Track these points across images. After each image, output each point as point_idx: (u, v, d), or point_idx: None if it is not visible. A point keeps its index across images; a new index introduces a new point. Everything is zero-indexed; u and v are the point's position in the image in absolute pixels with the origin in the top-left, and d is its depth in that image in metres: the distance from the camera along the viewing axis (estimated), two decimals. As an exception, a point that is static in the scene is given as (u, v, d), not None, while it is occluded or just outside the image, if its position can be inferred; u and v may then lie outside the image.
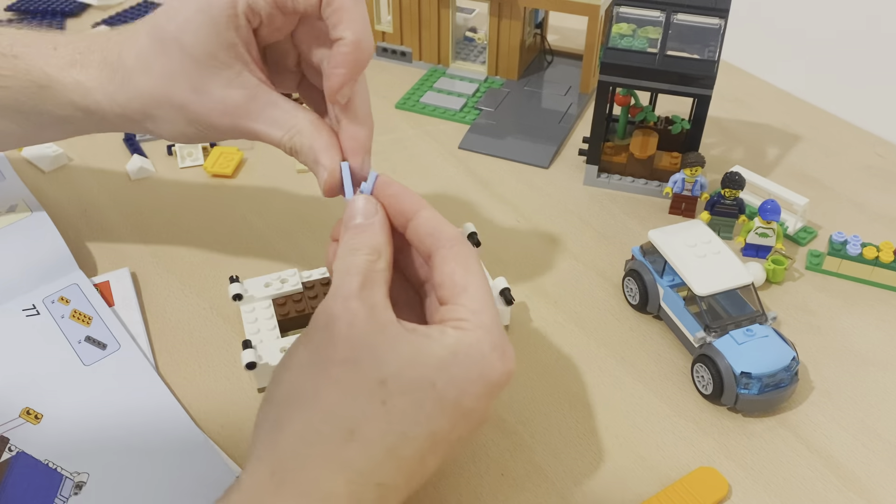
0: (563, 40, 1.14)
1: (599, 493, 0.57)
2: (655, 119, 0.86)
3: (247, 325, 0.66)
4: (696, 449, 0.60)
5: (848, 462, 0.60)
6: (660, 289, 0.69)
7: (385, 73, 1.06)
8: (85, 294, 0.71)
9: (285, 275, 0.70)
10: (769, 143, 0.94)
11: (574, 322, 0.71)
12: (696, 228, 0.69)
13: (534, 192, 0.86)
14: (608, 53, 0.78)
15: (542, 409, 0.63)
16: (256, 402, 0.63)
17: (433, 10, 1.01)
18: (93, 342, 0.67)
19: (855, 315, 0.72)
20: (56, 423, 0.61)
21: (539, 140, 0.92)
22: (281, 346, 0.64)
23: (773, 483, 0.58)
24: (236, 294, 0.67)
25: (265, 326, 0.66)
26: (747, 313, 0.65)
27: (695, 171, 0.78)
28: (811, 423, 0.62)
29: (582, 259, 0.77)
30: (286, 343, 0.64)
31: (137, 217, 0.82)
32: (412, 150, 0.92)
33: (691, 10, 0.78)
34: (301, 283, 0.69)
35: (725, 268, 0.65)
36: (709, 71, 0.76)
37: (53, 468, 0.57)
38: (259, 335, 0.65)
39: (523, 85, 1.02)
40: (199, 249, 0.78)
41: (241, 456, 0.59)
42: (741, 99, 1.01)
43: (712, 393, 0.62)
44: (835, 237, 0.74)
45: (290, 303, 0.68)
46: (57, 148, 0.90)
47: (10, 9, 1.20)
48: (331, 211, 0.83)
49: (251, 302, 0.68)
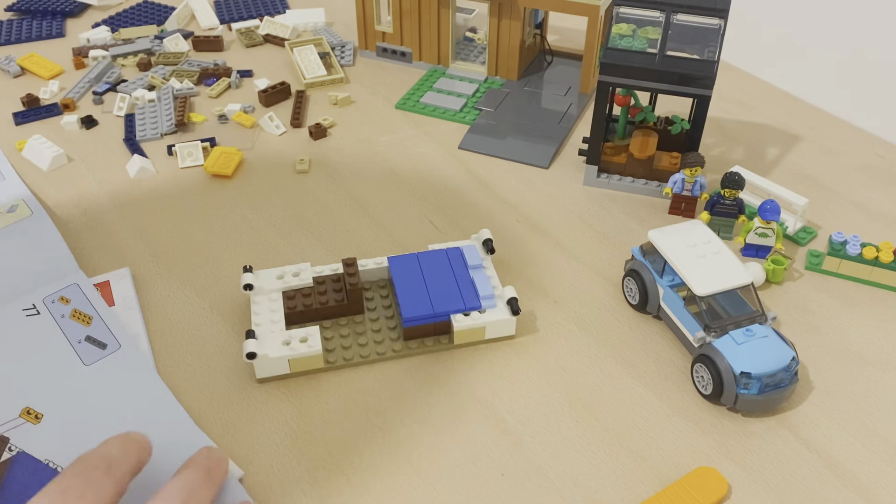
0: (563, 40, 1.14)
1: (599, 493, 0.57)
2: (655, 119, 0.86)
3: (254, 316, 0.67)
4: (696, 449, 0.60)
5: (848, 462, 0.60)
6: (660, 289, 0.69)
7: (385, 74, 1.06)
8: (85, 294, 0.71)
9: (298, 268, 0.71)
10: (769, 143, 0.94)
11: (574, 322, 0.71)
12: (696, 228, 0.69)
13: (534, 192, 0.86)
14: (608, 54, 0.78)
15: (542, 409, 0.63)
16: (256, 402, 0.64)
17: (433, 11, 1.01)
18: (93, 342, 0.67)
19: (854, 315, 0.72)
20: (56, 423, 0.61)
21: (539, 140, 0.92)
22: (283, 339, 0.64)
23: (772, 483, 0.58)
24: (247, 284, 0.68)
25: (272, 318, 0.67)
26: (747, 313, 0.65)
27: (694, 172, 0.78)
28: (811, 423, 0.62)
29: (582, 259, 0.77)
30: (289, 336, 0.65)
31: (137, 217, 0.82)
32: (412, 150, 0.92)
33: (691, 11, 0.78)
34: (312, 279, 0.70)
35: (725, 268, 0.65)
36: (709, 71, 0.76)
37: (54, 468, 0.58)
38: (264, 327, 0.66)
39: (523, 85, 1.02)
40: (199, 249, 0.78)
41: (240, 455, 0.60)
42: (741, 99, 1.01)
43: (712, 393, 0.62)
44: (834, 237, 0.75)
45: (299, 296, 0.69)
46: (57, 148, 0.90)
47: (10, 9, 1.20)
48: (331, 211, 0.83)
49: (261, 293, 0.69)
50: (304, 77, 1.02)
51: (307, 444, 0.61)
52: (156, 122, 0.95)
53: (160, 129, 0.93)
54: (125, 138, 0.93)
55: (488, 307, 0.68)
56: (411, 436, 0.61)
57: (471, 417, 0.63)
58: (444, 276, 0.70)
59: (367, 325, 0.69)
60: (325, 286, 0.70)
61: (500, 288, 0.69)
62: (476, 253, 0.72)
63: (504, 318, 0.67)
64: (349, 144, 0.93)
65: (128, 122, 0.95)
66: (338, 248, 0.78)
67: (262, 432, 0.61)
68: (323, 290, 0.69)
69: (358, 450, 0.60)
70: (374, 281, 0.73)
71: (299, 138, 0.94)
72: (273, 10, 1.21)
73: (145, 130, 0.94)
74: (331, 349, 0.67)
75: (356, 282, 0.68)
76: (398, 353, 0.67)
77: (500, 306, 0.68)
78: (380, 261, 0.72)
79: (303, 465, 0.59)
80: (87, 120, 0.95)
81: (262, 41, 1.13)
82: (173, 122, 0.94)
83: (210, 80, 1.03)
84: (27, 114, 0.97)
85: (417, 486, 0.58)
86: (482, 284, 0.69)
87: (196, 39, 1.11)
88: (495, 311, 0.67)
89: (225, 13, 1.20)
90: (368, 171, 0.89)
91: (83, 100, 1.00)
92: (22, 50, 1.11)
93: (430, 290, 0.69)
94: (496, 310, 0.68)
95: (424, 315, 0.67)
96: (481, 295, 0.68)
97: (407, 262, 0.71)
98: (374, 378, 0.66)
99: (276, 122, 0.94)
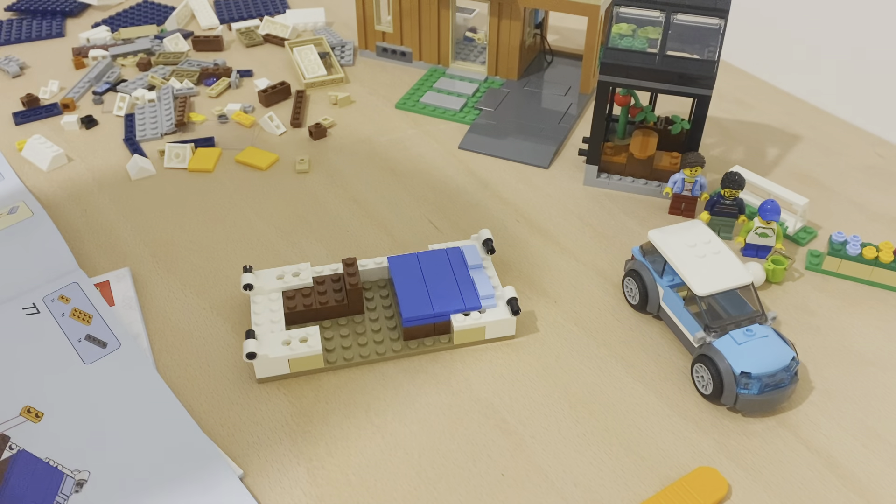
0: (563, 40, 1.14)
1: (599, 493, 0.57)
2: (655, 119, 0.86)
3: (254, 316, 0.67)
4: (696, 449, 0.60)
5: (848, 462, 0.60)
6: (660, 289, 0.69)
7: (385, 73, 1.06)
8: (85, 293, 0.71)
9: (298, 268, 0.71)
10: (769, 143, 0.94)
11: (574, 322, 0.71)
12: (696, 228, 0.69)
13: (534, 192, 0.86)
14: (608, 53, 0.78)
15: (542, 409, 0.63)
16: (256, 402, 0.64)
17: (433, 10, 1.01)
18: (93, 340, 0.67)
19: (854, 315, 0.72)
20: (56, 422, 0.61)
21: (539, 140, 0.92)
22: (283, 339, 0.64)
23: (773, 483, 0.58)
24: (247, 284, 0.68)
25: (271, 318, 0.67)
26: (747, 313, 0.65)
27: (694, 172, 0.78)
28: (811, 423, 0.62)
29: (582, 259, 0.77)
30: (289, 336, 0.65)
31: (137, 217, 0.82)
32: (412, 150, 0.92)
33: (691, 10, 0.78)
34: (311, 278, 0.70)
35: (725, 268, 0.65)
36: (709, 71, 0.76)
37: (54, 466, 0.58)
38: (264, 327, 0.66)
39: (523, 85, 1.02)
40: (199, 249, 0.78)
41: (240, 455, 0.60)
42: (741, 99, 1.01)
43: (712, 393, 0.62)
44: (834, 237, 0.75)
45: (299, 296, 0.69)
46: (57, 148, 0.90)
47: (10, 9, 1.20)
48: (331, 211, 0.83)
49: (261, 293, 0.69)
50: (304, 77, 1.02)
51: (307, 444, 0.61)
52: (155, 122, 0.95)
53: (160, 129, 0.93)
54: (125, 138, 0.93)
55: (488, 307, 0.68)
56: (411, 436, 0.61)
57: (471, 417, 0.63)
58: (444, 276, 0.70)
59: (367, 326, 0.69)
60: (325, 286, 0.70)
61: (500, 288, 0.70)
62: (476, 253, 0.72)
63: (504, 318, 0.67)
64: (349, 144, 0.93)
65: (128, 122, 0.95)
66: (338, 248, 0.78)
67: (262, 432, 0.61)
68: (323, 290, 0.69)
69: (358, 450, 0.60)
70: (374, 281, 0.73)
71: (299, 138, 0.94)
72: (273, 10, 1.21)
73: (145, 130, 0.94)
74: (331, 349, 0.67)
75: (356, 282, 0.68)
76: (398, 353, 0.67)
77: (500, 306, 0.68)
78: (380, 261, 0.72)
79: (303, 465, 0.59)
80: (87, 120, 0.95)
81: (262, 41, 1.13)
82: (173, 122, 0.94)
83: (210, 80, 1.03)
84: (27, 114, 0.97)
85: (417, 486, 0.58)
86: (482, 284, 0.69)
87: (196, 39, 1.11)
88: (495, 311, 0.67)
89: (225, 13, 1.20)
90: (368, 171, 0.89)
91: (83, 100, 1.00)
92: (22, 50, 1.11)
93: (430, 290, 0.69)
94: (496, 310, 0.68)
95: (424, 315, 0.67)
96: (481, 295, 0.68)
97: (407, 262, 0.71)
98: (374, 378, 0.66)
99: (276, 121, 0.94)
